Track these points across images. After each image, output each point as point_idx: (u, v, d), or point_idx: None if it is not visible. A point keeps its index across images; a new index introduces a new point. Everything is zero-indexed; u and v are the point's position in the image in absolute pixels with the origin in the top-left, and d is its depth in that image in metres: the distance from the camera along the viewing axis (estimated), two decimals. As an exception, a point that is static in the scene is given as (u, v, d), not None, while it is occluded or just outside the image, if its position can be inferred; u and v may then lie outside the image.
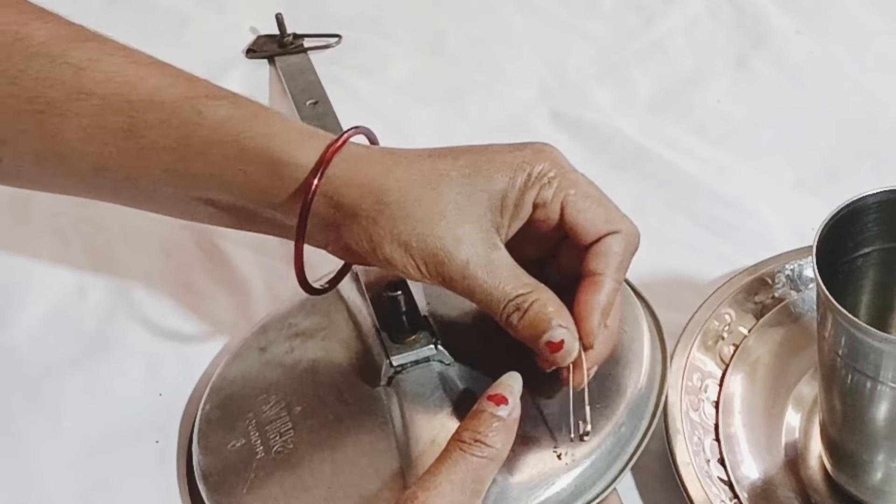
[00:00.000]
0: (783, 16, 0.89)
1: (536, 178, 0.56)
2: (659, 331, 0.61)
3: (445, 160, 0.56)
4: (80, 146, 0.58)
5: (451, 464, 0.51)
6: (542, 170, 0.56)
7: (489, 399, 0.54)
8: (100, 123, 0.57)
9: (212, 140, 0.57)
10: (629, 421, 0.57)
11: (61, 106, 0.57)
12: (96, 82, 0.57)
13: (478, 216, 0.55)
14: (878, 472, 0.57)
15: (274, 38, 0.89)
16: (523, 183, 0.56)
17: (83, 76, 0.57)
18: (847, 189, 0.56)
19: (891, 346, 0.51)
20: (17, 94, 0.57)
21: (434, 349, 0.60)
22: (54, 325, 0.70)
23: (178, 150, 0.57)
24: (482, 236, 0.55)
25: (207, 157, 0.57)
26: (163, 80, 0.58)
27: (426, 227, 0.55)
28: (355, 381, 0.60)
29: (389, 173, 0.55)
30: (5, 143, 0.59)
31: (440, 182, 0.55)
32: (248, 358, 0.64)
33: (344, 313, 0.64)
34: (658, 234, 0.74)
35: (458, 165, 0.56)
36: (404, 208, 0.55)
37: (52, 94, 0.57)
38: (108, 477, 0.62)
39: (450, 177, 0.55)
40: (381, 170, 0.56)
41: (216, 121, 0.57)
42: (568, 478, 0.55)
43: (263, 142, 0.56)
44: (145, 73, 0.58)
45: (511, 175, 0.56)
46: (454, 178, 0.55)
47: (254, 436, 0.59)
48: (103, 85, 0.57)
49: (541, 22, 0.91)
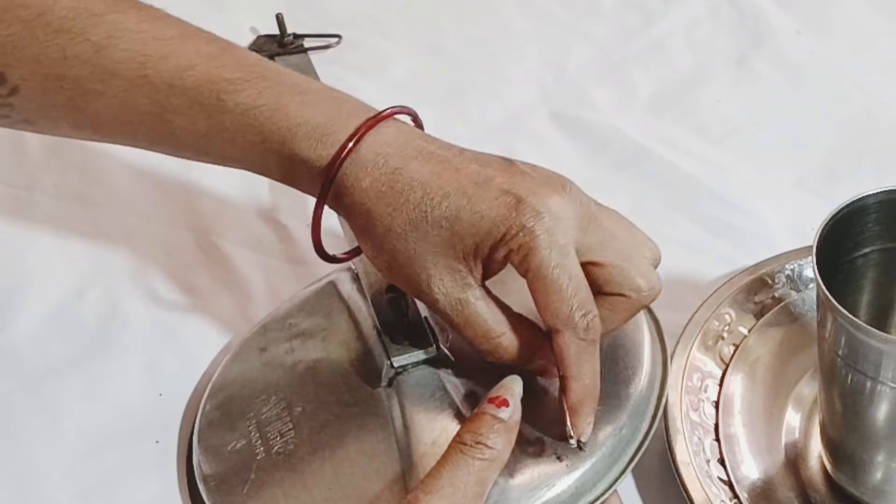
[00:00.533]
0: (783, 16, 0.89)
1: (507, 241, 0.54)
2: (659, 332, 0.61)
3: (431, 201, 0.55)
4: (112, 123, 0.59)
5: (453, 466, 0.51)
6: (514, 238, 0.54)
7: (490, 401, 0.54)
8: (127, 104, 0.58)
9: (237, 129, 0.57)
10: (630, 423, 0.57)
11: (85, 85, 0.57)
12: (116, 62, 0.57)
13: (449, 260, 0.55)
14: (878, 472, 0.57)
15: (274, 38, 0.89)
16: (496, 241, 0.54)
17: (103, 56, 0.57)
18: (847, 189, 0.56)
19: (891, 346, 0.51)
20: (44, 73, 0.57)
21: (435, 350, 0.60)
22: (54, 325, 0.70)
23: (208, 135, 0.58)
24: (452, 279, 0.55)
25: (235, 144, 0.57)
26: (181, 59, 0.57)
27: (396, 268, 0.56)
28: (356, 382, 0.60)
29: (380, 199, 0.55)
30: (38, 119, 0.60)
31: (421, 222, 0.55)
32: (248, 358, 0.64)
33: (344, 314, 0.64)
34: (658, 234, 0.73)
35: (440, 210, 0.54)
36: (389, 241, 0.55)
37: (75, 73, 0.57)
38: (108, 477, 0.62)
39: (430, 220, 0.55)
40: (375, 192, 0.55)
41: (238, 111, 0.57)
42: (568, 480, 0.55)
43: (285, 136, 0.56)
44: (166, 51, 0.57)
45: (488, 230, 0.54)
46: (433, 222, 0.54)
47: (254, 436, 0.59)
48: (124, 66, 0.57)
49: (541, 22, 0.91)
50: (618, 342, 0.60)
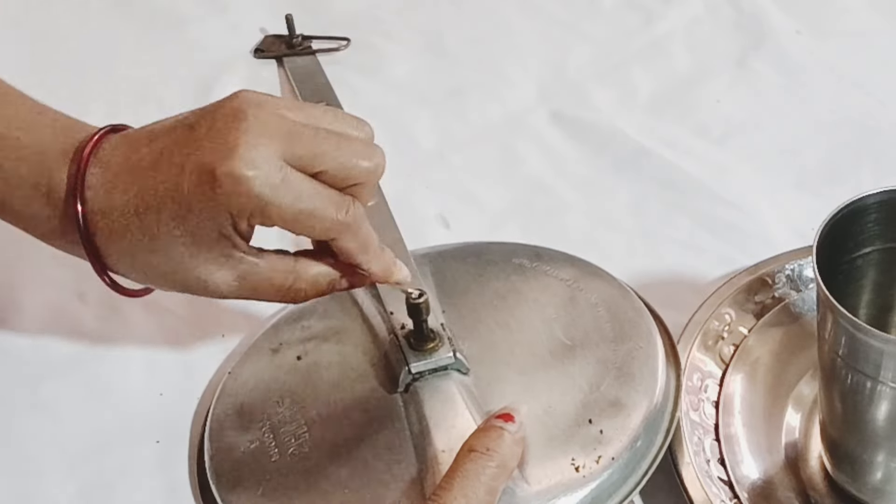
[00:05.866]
0: (783, 16, 0.89)
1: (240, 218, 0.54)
2: (672, 345, 0.62)
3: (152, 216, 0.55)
4: None
5: (464, 475, 0.52)
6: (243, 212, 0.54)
7: (497, 417, 0.55)
8: None
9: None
10: (645, 436, 0.57)
11: None
12: None
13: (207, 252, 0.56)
14: (878, 472, 0.57)
15: (282, 38, 0.89)
16: (231, 223, 0.54)
17: None
18: (847, 189, 0.56)
19: (891, 346, 0.51)
20: None
21: (452, 357, 0.60)
22: (54, 325, 0.70)
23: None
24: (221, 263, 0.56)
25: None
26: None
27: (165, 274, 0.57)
28: (372, 387, 0.60)
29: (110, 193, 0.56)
30: None
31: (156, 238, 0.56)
32: (259, 360, 0.64)
33: (358, 318, 0.64)
34: (658, 235, 0.74)
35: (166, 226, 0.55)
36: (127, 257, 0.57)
37: None
38: (108, 477, 0.62)
39: (163, 234, 0.55)
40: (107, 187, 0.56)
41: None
42: (585, 490, 0.55)
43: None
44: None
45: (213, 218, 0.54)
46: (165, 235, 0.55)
47: (268, 438, 0.59)
48: None
49: (541, 22, 0.91)
50: (632, 355, 0.60)
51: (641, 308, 0.63)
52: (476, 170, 0.79)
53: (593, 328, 0.61)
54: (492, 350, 0.61)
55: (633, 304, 0.63)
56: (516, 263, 0.66)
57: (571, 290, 0.64)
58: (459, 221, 0.74)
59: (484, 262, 0.67)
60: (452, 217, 0.74)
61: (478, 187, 0.78)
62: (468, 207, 0.76)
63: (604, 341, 0.61)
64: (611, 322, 0.62)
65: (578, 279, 0.65)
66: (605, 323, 0.62)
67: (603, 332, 0.61)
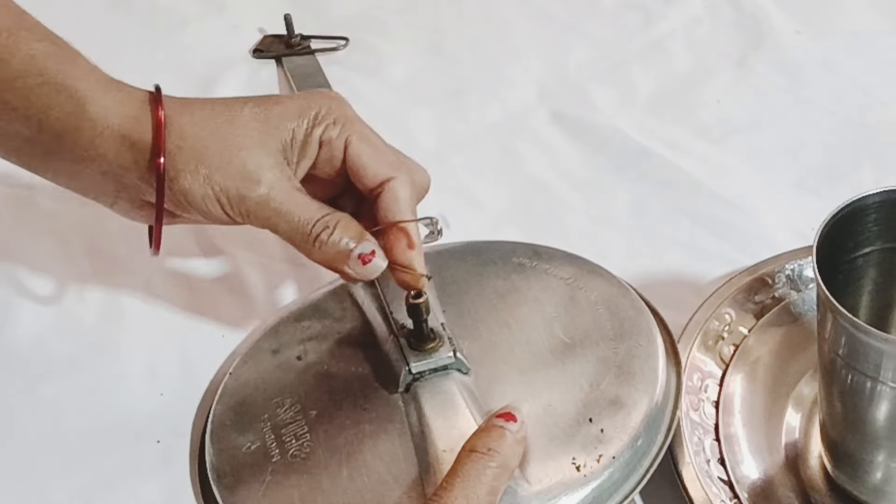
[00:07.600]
0: (783, 16, 0.89)
1: (323, 117, 0.60)
2: (672, 344, 0.62)
3: (237, 103, 0.60)
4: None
5: (465, 475, 0.52)
6: (328, 111, 0.60)
7: (498, 416, 0.55)
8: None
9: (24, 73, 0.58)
10: (646, 435, 0.57)
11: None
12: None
13: (273, 150, 0.59)
14: (878, 472, 0.57)
15: (281, 38, 0.89)
16: (311, 121, 0.59)
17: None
18: (847, 189, 0.56)
19: (891, 346, 0.51)
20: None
21: (453, 357, 0.60)
22: (54, 325, 0.70)
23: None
24: (280, 169, 0.59)
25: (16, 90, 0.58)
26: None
27: (225, 159, 0.58)
28: (372, 387, 0.60)
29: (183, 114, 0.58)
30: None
31: (235, 118, 0.59)
32: (260, 360, 0.64)
33: (358, 319, 0.64)
34: (658, 235, 0.74)
35: (249, 106, 0.59)
36: (202, 141, 0.58)
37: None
38: (108, 477, 0.62)
39: (243, 114, 0.59)
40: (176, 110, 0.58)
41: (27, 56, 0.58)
42: (586, 489, 0.55)
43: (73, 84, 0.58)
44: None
45: (299, 113, 0.59)
46: (247, 115, 0.59)
47: (269, 438, 0.59)
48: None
49: (541, 22, 0.91)
50: (632, 353, 0.60)
51: (641, 306, 0.63)
52: (476, 170, 0.79)
53: (593, 327, 0.61)
54: (492, 349, 0.61)
55: (633, 302, 0.63)
56: (516, 262, 0.66)
57: (571, 289, 0.64)
58: (459, 221, 0.74)
59: (484, 261, 0.67)
60: (452, 217, 0.75)
61: (478, 187, 0.78)
62: (468, 207, 0.76)
63: (604, 340, 0.61)
64: (611, 320, 0.62)
65: (578, 278, 0.65)
66: (605, 321, 0.62)
67: (603, 331, 0.61)
